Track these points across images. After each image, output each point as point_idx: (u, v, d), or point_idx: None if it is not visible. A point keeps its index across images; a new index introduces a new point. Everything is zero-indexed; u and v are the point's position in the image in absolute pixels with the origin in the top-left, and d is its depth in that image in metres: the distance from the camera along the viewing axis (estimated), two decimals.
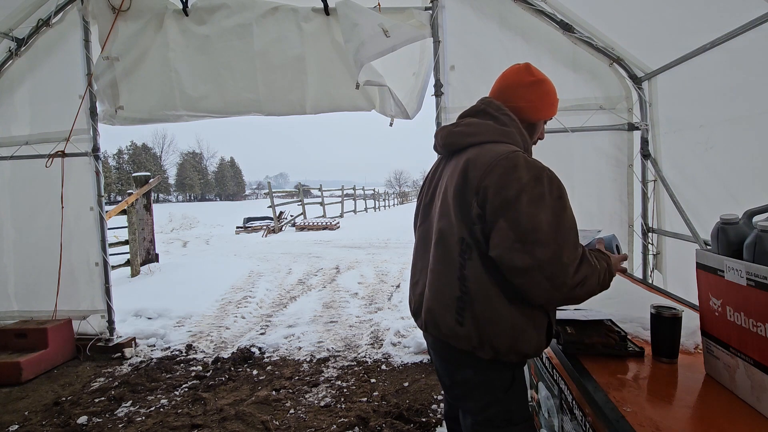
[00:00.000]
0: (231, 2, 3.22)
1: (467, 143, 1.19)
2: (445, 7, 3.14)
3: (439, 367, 1.27)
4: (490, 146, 1.13)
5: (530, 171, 1.03)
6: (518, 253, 1.00)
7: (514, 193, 1.01)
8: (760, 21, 1.88)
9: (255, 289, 5.78)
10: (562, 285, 1.00)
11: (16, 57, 3.49)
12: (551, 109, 1.30)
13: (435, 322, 1.17)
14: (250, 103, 3.35)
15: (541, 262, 0.99)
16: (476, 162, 1.10)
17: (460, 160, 1.17)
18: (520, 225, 1.00)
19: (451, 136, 1.24)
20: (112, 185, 51.64)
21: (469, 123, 1.22)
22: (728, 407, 1.00)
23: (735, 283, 1.01)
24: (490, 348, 1.09)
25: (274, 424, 2.46)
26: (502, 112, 1.21)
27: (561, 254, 0.99)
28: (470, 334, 1.10)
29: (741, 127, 2.15)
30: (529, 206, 1.00)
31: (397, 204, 36.18)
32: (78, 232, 3.53)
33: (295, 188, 20.23)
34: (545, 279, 1.00)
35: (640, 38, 2.79)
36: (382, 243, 10.67)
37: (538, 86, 1.26)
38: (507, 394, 1.17)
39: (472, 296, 1.09)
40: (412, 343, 3.54)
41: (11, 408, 2.76)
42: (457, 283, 1.12)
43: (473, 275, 1.09)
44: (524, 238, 1.00)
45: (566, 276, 1.00)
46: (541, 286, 1.01)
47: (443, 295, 1.14)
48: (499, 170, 1.04)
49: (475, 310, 1.09)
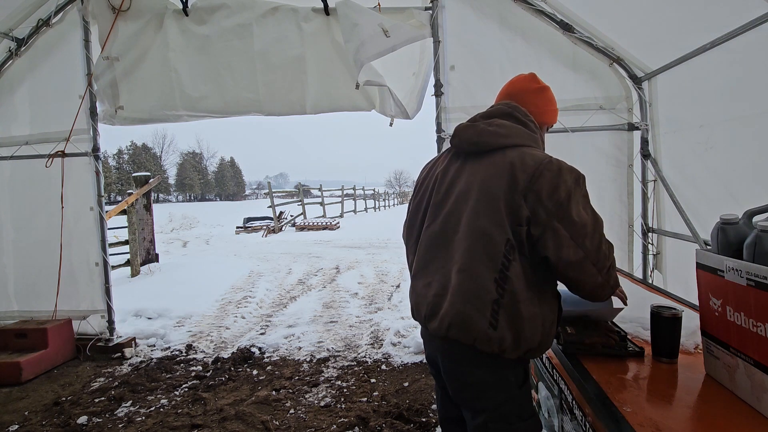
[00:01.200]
0: (231, 2, 3.22)
1: (502, 144, 1.20)
2: (445, 7, 3.14)
3: (449, 370, 1.23)
4: (527, 150, 1.18)
5: (572, 174, 1.13)
6: (573, 249, 1.09)
7: (565, 196, 1.10)
8: (760, 21, 1.88)
9: (255, 289, 5.78)
10: (603, 268, 1.12)
11: (16, 57, 3.49)
12: (554, 115, 1.38)
13: (464, 325, 1.13)
14: (250, 103, 3.35)
15: (589, 252, 1.10)
16: (523, 165, 1.13)
17: (498, 160, 1.17)
18: (574, 224, 1.09)
19: (484, 135, 1.22)
20: (112, 185, 51.64)
21: (501, 125, 1.23)
22: (728, 407, 1.00)
23: (735, 283, 1.01)
24: (526, 348, 1.13)
25: (274, 424, 2.46)
26: (529, 119, 1.27)
27: (601, 242, 1.12)
28: (503, 336, 1.11)
29: (741, 127, 2.15)
30: (577, 206, 1.11)
31: (397, 204, 36.17)
32: (78, 232, 3.53)
33: (295, 188, 20.23)
34: (593, 266, 1.11)
35: (640, 38, 2.79)
36: (382, 243, 10.67)
37: (543, 93, 1.34)
38: (521, 389, 1.20)
39: (513, 297, 1.11)
40: (412, 343, 3.54)
41: (11, 408, 2.76)
42: (493, 286, 1.11)
43: (516, 276, 1.11)
44: (577, 235, 1.09)
45: (606, 259, 1.13)
46: (591, 273, 1.11)
47: (477, 298, 1.12)
48: (548, 175, 1.11)
49: (514, 312, 1.11)
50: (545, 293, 1.17)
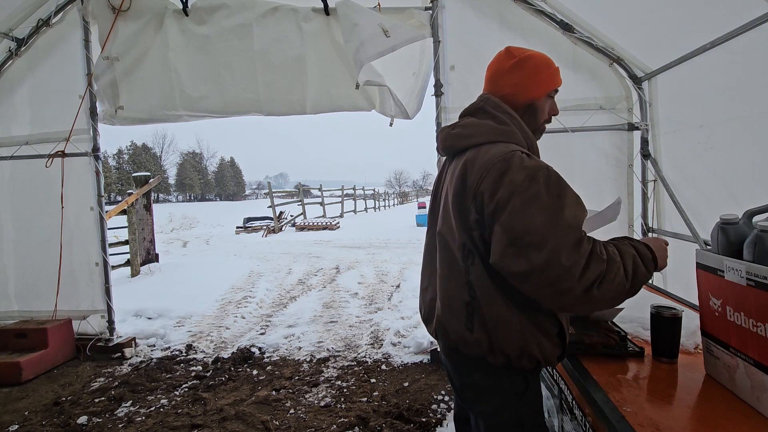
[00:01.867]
0: (231, 2, 3.22)
1: (465, 145, 1.15)
2: (445, 7, 3.14)
3: (451, 371, 1.24)
4: (487, 147, 1.08)
5: (524, 171, 0.97)
6: (514, 258, 0.95)
7: (507, 195, 0.97)
8: (760, 21, 1.88)
9: (255, 289, 5.78)
10: (568, 290, 0.92)
11: (16, 57, 3.49)
12: (548, 81, 1.19)
13: (444, 329, 1.15)
14: (250, 103, 3.35)
15: (537, 267, 0.92)
16: (473, 166, 1.06)
17: (458, 163, 1.14)
18: (513, 228, 0.95)
19: (449, 139, 1.21)
20: (112, 185, 51.65)
21: (466, 124, 1.18)
22: (728, 407, 1.00)
23: (735, 283, 1.01)
24: (501, 354, 1.06)
25: (274, 424, 2.46)
26: (500, 110, 1.15)
27: (559, 257, 0.91)
28: (480, 340, 1.07)
29: (741, 127, 2.15)
30: (521, 207, 0.95)
31: (397, 204, 36.18)
32: (78, 232, 3.53)
33: (295, 188, 20.23)
34: (548, 284, 0.93)
35: (640, 38, 2.79)
36: (382, 243, 10.67)
37: (522, 66, 1.17)
38: (520, 400, 1.12)
39: (481, 302, 1.06)
40: (412, 343, 3.54)
41: (11, 408, 2.76)
42: (465, 289, 1.09)
43: (478, 281, 1.06)
44: (518, 242, 0.94)
45: (570, 279, 0.91)
46: (545, 293, 0.95)
47: (452, 301, 1.12)
48: (493, 173, 1.00)
49: (485, 316, 1.06)
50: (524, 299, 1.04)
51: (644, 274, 0.99)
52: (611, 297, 0.96)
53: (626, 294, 0.97)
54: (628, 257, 0.99)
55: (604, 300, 0.95)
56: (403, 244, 10.25)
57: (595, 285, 0.92)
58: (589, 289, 0.92)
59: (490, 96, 1.19)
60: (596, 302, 0.95)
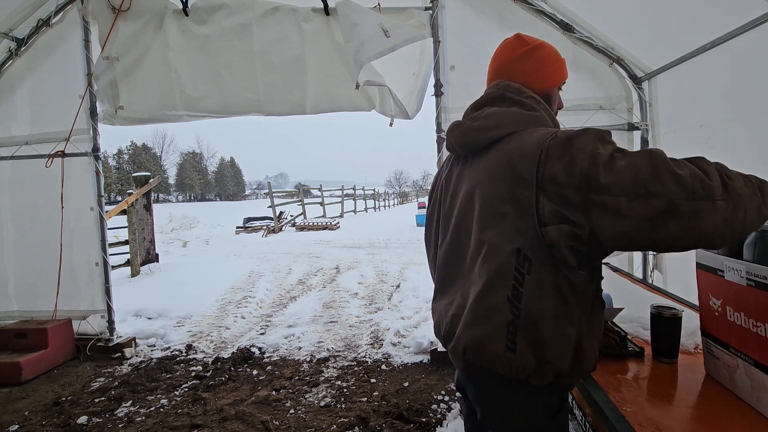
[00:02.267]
0: (231, 2, 3.22)
1: (493, 137, 0.99)
2: (445, 7, 3.14)
3: (475, 394, 1.07)
4: (528, 133, 0.95)
5: (587, 135, 0.86)
6: (642, 207, 0.78)
7: (589, 161, 0.82)
8: (760, 21, 1.88)
9: (255, 289, 5.78)
10: (710, 190, 0.77)
11: (16, 57, 3.49)
12: (560, 71, 1.13)
13: (479, 349, 0.97)
14: (250, 103, 3.35)
15: (670, 191, 0.77)
16: (523, 154, 0.91)
17: (492, 158, 0.98)
18: (619, 182, 0.79)
19: (470, 133, 1.04)
20: (112, 185, 51.68)
21: (488, 115, 1.02)
22: (728, 407, 1.00)
23: (735, 283, 1.01)
24: (552, 372, 0.91)
25: (274, 424, 2.46)
26: (525, 95, 1.03)
27: (675, 173, 0.78)
28: (525, 361, 0.91)
29: (741, 127, 2.15)
30: (612, 162, 0.81)
31: (397, 204, 36.19)
32: (78, 232, 3.53)
33: (295, 188, 20.23)
34: (695, 199, 0.76)
35: (640, 38, 2.79)
36: (382, 243, 10.67)
37: (535, 53, 1.09)
38: (555, 420, 0.99)
39: (531, 317, 0.91)
40: (412, 343, 3.54)
41: (11, 408, 2.75)
42: (507, 306, 0.93)
43: (532, 291, 0.91)
44: (637, 188, 0.78)
45: (700, 180, 0.78)
46: (698, 206, 0.77)
47: (491, 319, 0.95)
48: (556, 151, 0.86)
49: (534, 333, 0.91)
50: (580, 307, 0.93)
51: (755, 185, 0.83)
52: (747, 191, 0.80)
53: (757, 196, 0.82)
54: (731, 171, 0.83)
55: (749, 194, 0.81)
56: (403, 244, 10.25)
57: (724, 178, 0.80)
58: (725, 182, 0.79)
59: (510, 82, 1.07)
60: (746, 197, 0.80)
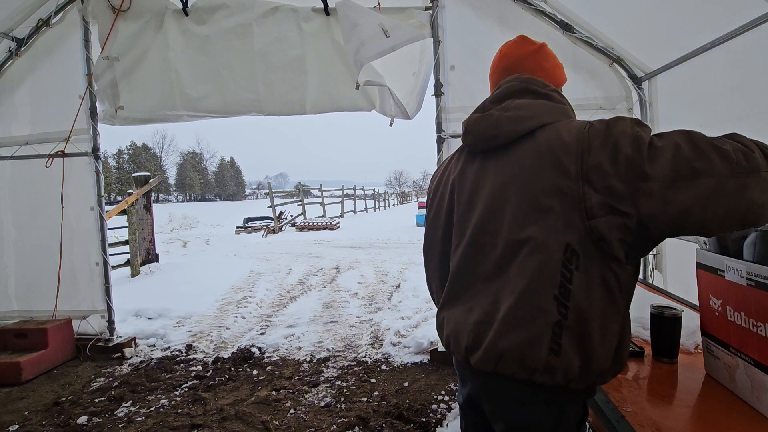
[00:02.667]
0: (231, 2, 3.22)
1: (527, 128, 0.95)
2: (445, 7, 3.14)
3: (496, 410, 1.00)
4: (564, 124, 0.92)
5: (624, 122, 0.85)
6: (689, 188, 0.77)
7: (633, 147, 0.81)
8: (760, 21, 1.88)
9: (255, 289, 5.78)
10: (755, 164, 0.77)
11: (16, 57, 3.49)
12: (563, 73, 1.16)
13: (518, 356, 0.90)
14: (250, 103, 3.35)
15: (714, 169, 0.76)
16: (563, 145, 0.88)
17: (528, 150, 0.93)
18: (666, 164, 0.78)
19: (503, 125, 0.97)
20: (112, 185, 51.67)
21: (520, 105, 0.98)
22: (728, 407, 1.00)
23: (735, 283, 1.01)
24: (595, 372, 0.88)
25: (274, 424, 2.46)
26: (550, 89, 1.02)
27: (718, 149, 0.78)
28: (569, 363, 0.87)
29: (741, 127, 2.14)
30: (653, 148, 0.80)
31: (397, 204, 36.19)
32: (78, 232, 3.53)
33: (295, 188, 20.24)
34: (742, 174, 0.76)
35: (640, 38, 2.79)
36: (382, 243, 10.67)
37: (543, 51, 1.11)
38: (578, 429, 0.96)
39: (580, 315, 0.86)
40: (412, 343, 3.54)
41: (11, 408, 2.76)
42: (553, 305, 0.88)
43: (581, 288, 0.86)
44: (680, 171, 0.78)
45: (744, 155, 0.78)
46: (746, 182, 0.76)
47: (532, 322, 0.89)
48: (598, 140, 0.84)
49: (582, 332, 0.87)
50: (625, 302, 0.91)
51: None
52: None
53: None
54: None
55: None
56: (403, 244, 10.25)
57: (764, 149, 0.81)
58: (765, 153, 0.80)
59: (532, 77, 1.05)
60: None
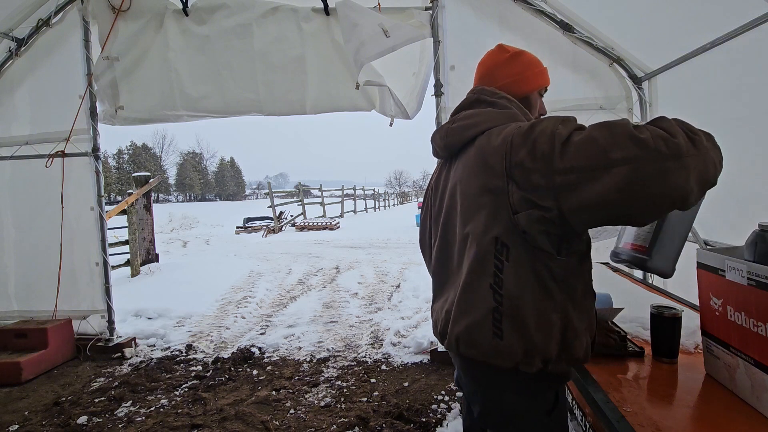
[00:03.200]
0: (231, 2, 3.22)
1: (472, 135, 1.07)
2: (445, 7, 3.14)
3: (472, 391, 1.11)
4: (499, 129, 1.01)
5: (549, 120, 0.90)
6: (608, 180, 0.80)
7: (548, 143, 0.85)
8: (760, 21, 1.88)
9: (255, 289, 5.78)
10: (676, 147, 0.78)
11: (16, 57, 3.49)
12: (541, 77, 1.20)
13: (470, 340, 1.01)
14: (250, 103, 3.35)
15: (632, 157, 0.78)
16: (490, 147, 0.98)
17: (469, 155, 1.05)
18: (580, 158, 0.82)
19: (451, 135, 1.12)
20: (112, 185, 51.67)
21: (466, 116, 1.11)
22: (728, 407, 1.00)
23: (736, 283, 1.01)
24: (540, 358, 0.95)
25: (274, 424, 2.46)
26: (498, 96, 1.11)
27: (637, 136, 0.79)
28: (513, 347, 0.95)
29: (741, 127, 2.15)
30: (570, 141, 0.84)
31: (397, 204, 36.18)
32: (78, 232, 3.53)
33: (295, 188, 20.23)
34: (661, 158, 0.77)
35: (640, 38, 2.79)
36: (382, 243, 10.66)
37: (516, 59, 1.18)
38: (550, 417, 1.03)
39: (513, 302, 0.95)
40: (412, 343, 3.54)
41: (11, 408, 2.75)
42: (489, 293, 0.97)
43: (513, 277, 0.95)
44: (597, 163, 0.80)
45: (664, 140, 0.79)
46: (666, 166, 0.78)
47: (476, 310, 1.00)
48: (518, 140, 0.91)
49: (516, 318, 0.95)
50: (564, 293, 0.97)
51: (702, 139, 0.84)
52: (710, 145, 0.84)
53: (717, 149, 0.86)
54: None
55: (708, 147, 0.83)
56: (403, 244, 10.25)
57: (689, 133, 0.82)
58: (689, 137, 0.81)
59: (484, 86, 1.16)
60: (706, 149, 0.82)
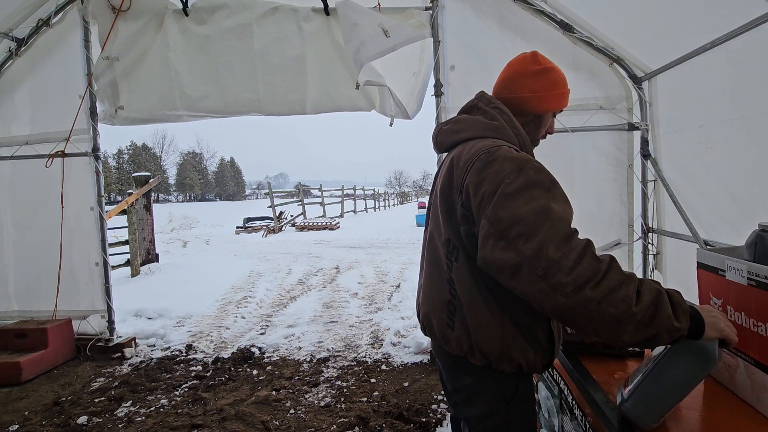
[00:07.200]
0: (231, 2, 3.22)
1: (455, 141, 1.16)
2: (445, 7, 3.14)
3: (442, 372, 1.23)
4: (474, 142, 1.07)
5: (511, 162, 0.94)
6: (503, 251, 0.88)
7: (492, 188, 0.92)
8: (760, 21, 1.88)
9: (255, 289, 5.78)
10: (559, 285, 0.82)
11: (16, 57, 3.49)
12: (560, 100, 1.19)
13: (431, 325, 1.15)
14: (250, 103, 3.35)
15: (527, 257, 0.85)
16: (459, 160, 1.05)
17: (450, 158, 1.14)
18: (500, 220, 0.89)
19: (441, 135, 1.22)
20: (112, 185, 51.63)
21: (458, 120, 1.20)
22: (728, 407, 1.00)
23: (736, 283, 1.01)
24: (481, 355, 1.04)
25: (274, 424, 2.46)
26: (491, 105, 1.15)
27: (548, 248, 0.84)
28: (461, 339, 1.06)
29: (741, 127, 2.15)
30: (508, 199, 0.90)
31: (397, 204, 36.17)
32: (78, 232, 3.53)
33: (295, 188, 20.23)
34: (539, 278, 0.84)
35: (640, 38, 2.79)
36: (382, 243, 10.66)
37: (544, 75, 1.17)
38: (508, 405, 1.08)
39: (461, 300, 1.05)
40: (412, 343, 3.54)
41: (11, 408, 2.75)
42: (446, 286, 1.09)
43: (459, 278, 1.06)
44: (506, 234, 0.88)
45: (560, 272, 0.82)
46: (536, 287, 0.85)
47: (435, 299, 1.13)
48: (477, 165, 0.97)
49: (464, 315, 1.05)
50: (503, 301, 1.02)
51: (668, 316, 0.82)
52: (610, 311, 0.82)
53: (630, 318, 0.82)
54: (650, 287, 0.85)
55: (602, 312, 0.82)
56: (403, 244, 10.25)
57: (589, 285, 0.82)
58: (582, 288, 0.82)
59: (485, 93, 1.22)
60: (592, 311, 0.82)
